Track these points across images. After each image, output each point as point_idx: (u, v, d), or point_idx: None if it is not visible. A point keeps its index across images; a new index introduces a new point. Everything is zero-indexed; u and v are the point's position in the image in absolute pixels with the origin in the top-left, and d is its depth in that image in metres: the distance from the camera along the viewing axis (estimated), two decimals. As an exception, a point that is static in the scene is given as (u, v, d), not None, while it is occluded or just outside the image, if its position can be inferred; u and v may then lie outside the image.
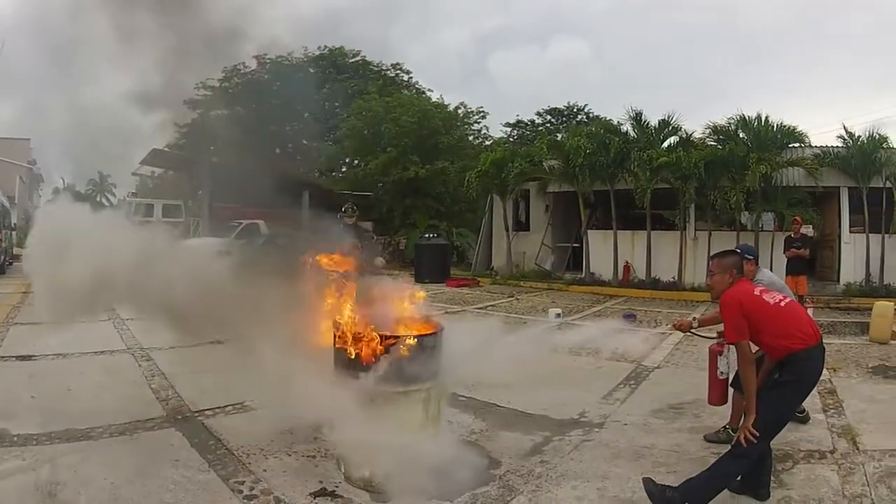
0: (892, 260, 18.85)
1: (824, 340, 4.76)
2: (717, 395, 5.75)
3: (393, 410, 4.81)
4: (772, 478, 4.93)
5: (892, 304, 12.17)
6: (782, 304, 4.70)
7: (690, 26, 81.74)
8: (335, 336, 5.11)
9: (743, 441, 4.39)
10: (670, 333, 11.02)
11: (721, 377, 5.68)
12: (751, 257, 5.88)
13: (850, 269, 19.31)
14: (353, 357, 4.84)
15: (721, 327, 5.55)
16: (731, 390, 5.75)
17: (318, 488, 4.77)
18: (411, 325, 5.31)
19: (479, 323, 12.91)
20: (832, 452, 5.85)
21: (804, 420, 6.56)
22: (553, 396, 7.56)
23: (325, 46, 40.22)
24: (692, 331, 6.09)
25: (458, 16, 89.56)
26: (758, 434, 4.36)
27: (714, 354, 5.68)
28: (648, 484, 4.58)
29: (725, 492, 4.61)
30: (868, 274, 18.88)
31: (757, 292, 4.76)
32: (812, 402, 7.21)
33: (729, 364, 5.61)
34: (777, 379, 4.57)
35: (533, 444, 6.03)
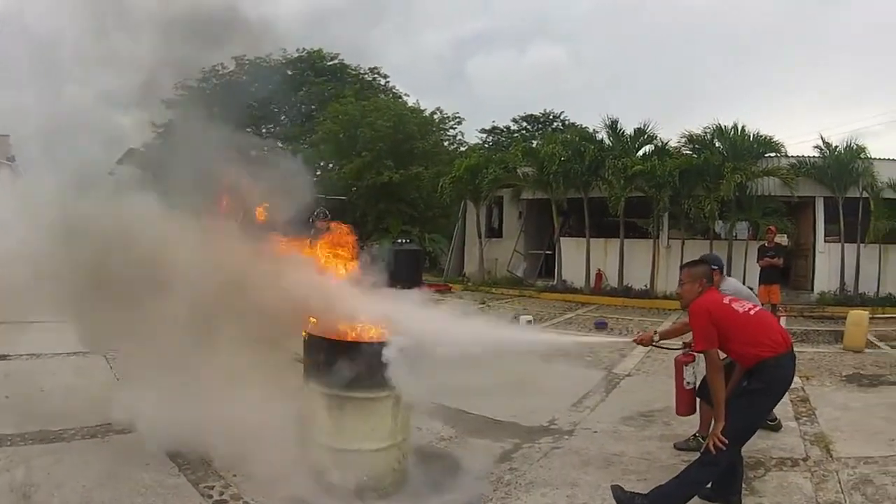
0: (867, 269, 19.11)
1: (798, 349, 4.82)
2: (684, 405, 5.76)
3: (362, 416, 4.80)
4: (743, 485, 4.98)
5: (867, 312, 12.35)
6: (751, 312, 4.74)
7: (672, 34, 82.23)
8: (309, 339, 5.10)
9: (712, 448, 4.43)
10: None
11: (688, 387, 5.68)
12: (716, 267, 5.84)
13: (825, 278, 19.53)
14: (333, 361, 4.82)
15: (686, 338, 5.63)
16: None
17: (288, 493, 4.75)
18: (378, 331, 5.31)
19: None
20: (805, 460, 5.93)
21: (776, 428, 6.63)
22: (523, 403, 7.61)
23: (304, 49, 40.07)
24: (654, 344, 6.12)
25: (437, 19, 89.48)
26: (727, 441, 4.40)
27: (680, 365, 5.68)
28: (617, 491, 4.62)
29: (696, 499, 4.66)
30: (843, 283, 19.10)
31: (726, 301, 4.79)
32: (784, 410, 7.32)
33: (695, 374, 5.64)
34: (746, 387, 4.63)
35: (502, 451, 6.07)
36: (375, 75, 42.95)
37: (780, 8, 73.91)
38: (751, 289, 14.41)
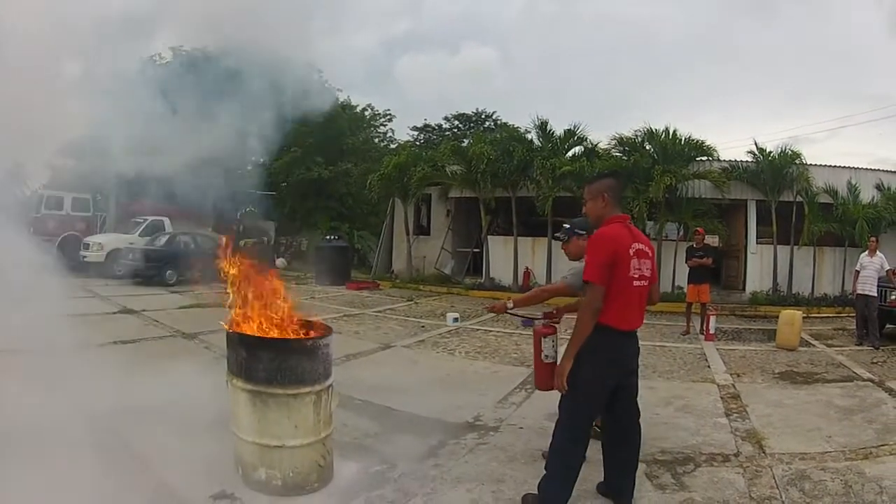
0: (801, 271, 19.78)
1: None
2: (542, 379, 5.50)
3: (285, 412, 4.71)
4: (672, 480, 4.99)
5: (800, 312, 12.57)
6: (636, 283, 4.42)
7: (606, 38, 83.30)
8: (233, 333, 4.98)
9: (559, 387, 4.39)
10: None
11: (546, 360, 5.40)
12: (583, 232, 5.59)
13: (757, 278, 20.16)
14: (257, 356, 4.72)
15: (547, 309, 5.56)
16: None
17: (218, 490, 4.64)
18: (300, 327, 5.24)
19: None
20: (736, 455, 5.92)
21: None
22: (449, 400, 7.59)
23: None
24: (508, 311, 5.91)
25: (371, 16, 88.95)
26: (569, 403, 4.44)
27: (538, 336, 5.43)
28: (528, 499, 4.65)
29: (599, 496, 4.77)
30: (776, 283, 19.70)
31: (632, 251, 4.41)
32: (714, 406, 7.44)
33: (555, 347, 5.40)
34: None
35: (428, 447, 6.00)
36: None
37: (727, 21, 75.82)
38: (680, 288, 14.61)
